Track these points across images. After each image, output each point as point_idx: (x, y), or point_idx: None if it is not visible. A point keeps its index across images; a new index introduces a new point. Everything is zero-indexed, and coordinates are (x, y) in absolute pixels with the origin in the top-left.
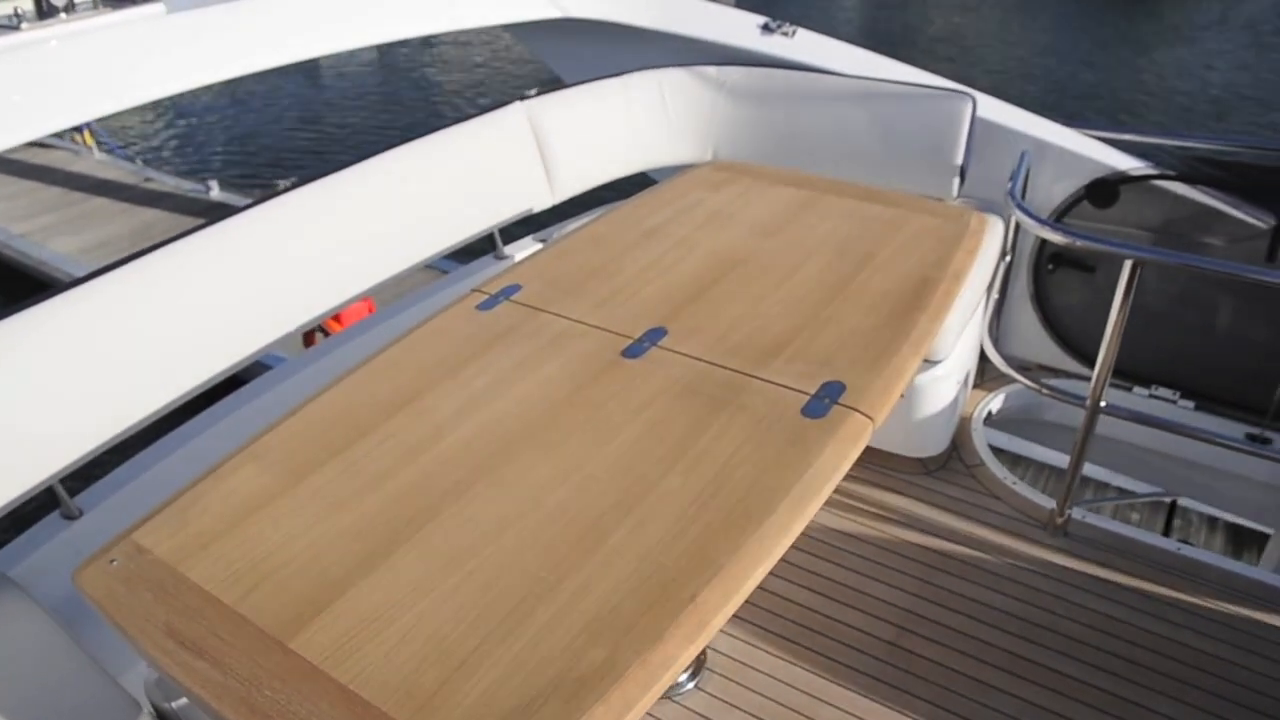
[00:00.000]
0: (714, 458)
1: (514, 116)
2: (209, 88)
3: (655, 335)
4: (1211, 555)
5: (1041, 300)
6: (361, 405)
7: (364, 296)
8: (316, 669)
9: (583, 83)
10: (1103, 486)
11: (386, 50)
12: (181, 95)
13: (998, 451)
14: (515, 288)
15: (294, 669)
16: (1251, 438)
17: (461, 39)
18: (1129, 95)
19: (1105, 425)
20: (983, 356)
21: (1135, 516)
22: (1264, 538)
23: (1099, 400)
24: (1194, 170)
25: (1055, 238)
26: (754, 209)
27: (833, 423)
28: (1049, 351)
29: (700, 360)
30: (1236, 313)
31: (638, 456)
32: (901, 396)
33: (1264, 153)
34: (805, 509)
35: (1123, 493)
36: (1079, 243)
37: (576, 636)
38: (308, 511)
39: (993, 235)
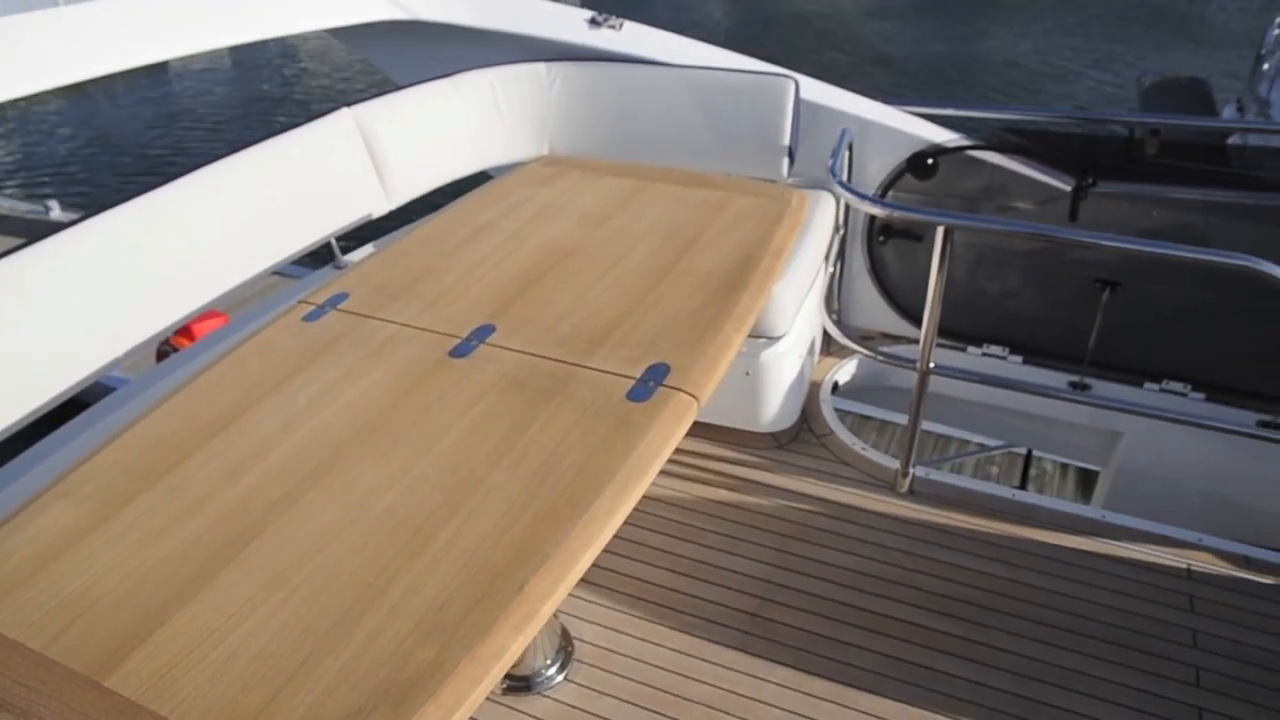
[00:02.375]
0: (541, 448)
1: (341, 123)
2: (41, 102)
3: (483, 333)
4: (1043, 498)
5: (878, 271)
6: (182, 428)
7: (206, 310)
8: (135, 704)
9: (411, 85)
10: (961, 444)
11: (240, 53)
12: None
13: (852, 418)
14: (342, 296)
15: (110, 707)
16: (1073, 385)
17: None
18: (971, 72)
19: (951, 386)
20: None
21: (994, 469)
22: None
23: (928, 362)
24: (1002, 140)
25: (873, 210)
26: (583, 201)
27: (658, 404)
28: (889, 320)
29: (528, 354)
30: (1050, 270)
31: (465, 454)
32: (747, 374)
33: (1063, 121)
34: (632, 490)
35: (982, 448)
36: (896, 213)
37: (406, 638)
38: (125, 542)
39: (826, 211)
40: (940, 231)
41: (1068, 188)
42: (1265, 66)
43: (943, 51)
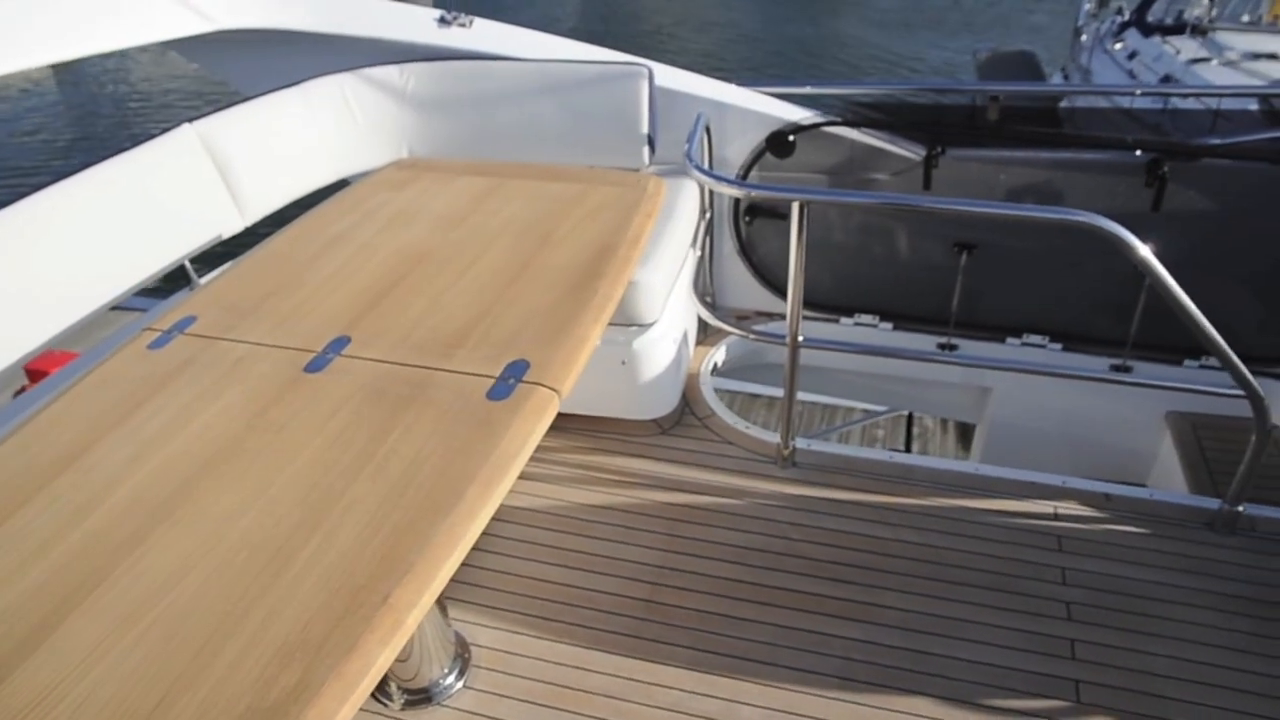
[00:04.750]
0: (401, 457)
1: (183, 139)
2: None
3: (339, 345)
4: (919, 458)
5: (747, 251)
6: (19, 473)
7: (47, 349)
8: None
9: (257, 96)
10: (847, 412)
11: (65, 71)
12: None
13: (742, 397)
14: (190, 320)
15: None
16: (941, 346)
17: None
18: (824, 52)
19: (832, 358)
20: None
21: (880, 433)
22: None
23: (797, 335)
24: (856, 114)
25: (729, 190)
26: (438, 204)
27: (518, 401)
28: (763, 298)
29: (385, 362)
30: (912, 238)
31: (324, 470)
32: (623, 363)
33: (913, 93)
34: (495, 489)
35: (867, 414)
36: (752, 192)
37: (268, 665)
38: None
39: (690, 197)
40: (795, 207)
41: (919, 157)
42: (1083, 39)
43: (796, 33)
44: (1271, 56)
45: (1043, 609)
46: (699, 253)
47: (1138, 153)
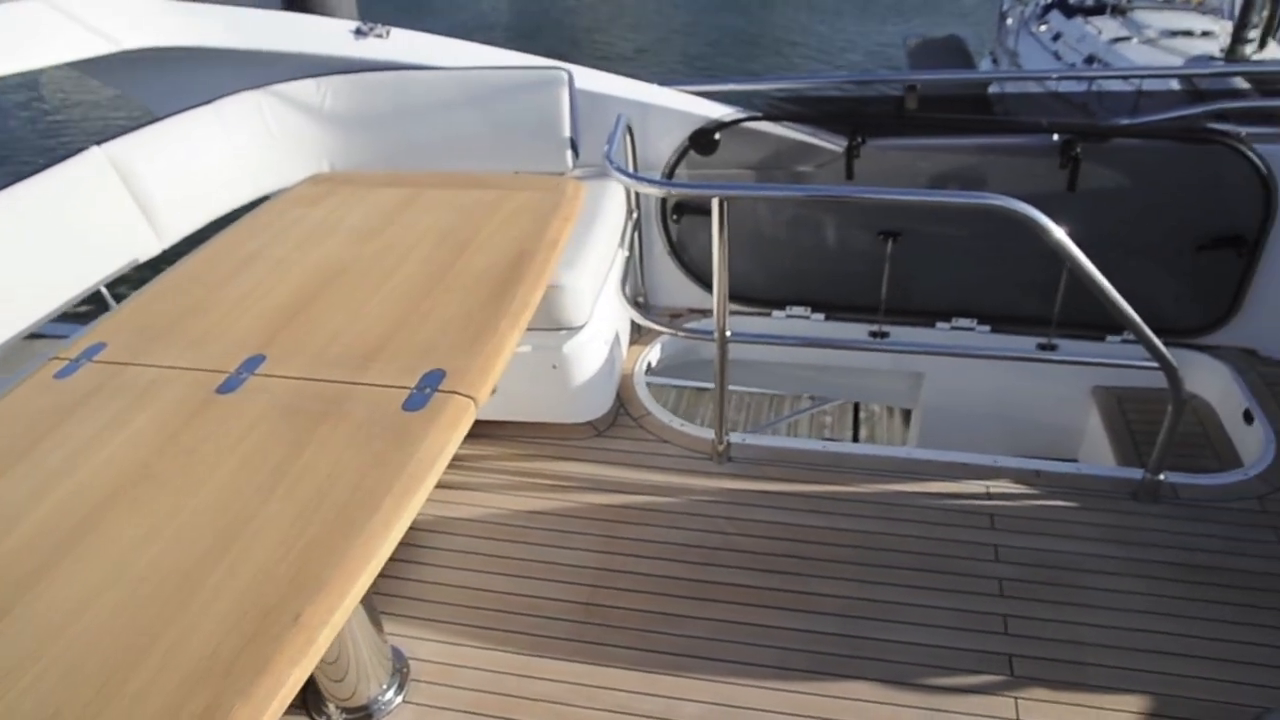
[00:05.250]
0: (315, 474)
1: (92, 162)
2: None
3: (253, 364)
4: (852, 445)
5: (678, 250)
6: None
7: None
8: None
9: (168, 116)
10: (794, 402)
11: None
12: None
13: (689, 393)
14: (99, 346)
15: None
16: (873, 334)
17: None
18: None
19: (770, 352)
20: (637, 310)
21: (829, 419)
22: None
23: (725, 331)
24: (778, 109)
25: (649, 190)
26: (354, 217)
27: (434, 411)
28: (696, 295)
29: (300, 379)
30: (839, 229)
31: (235, 492)
32: (554, 367)
33: (833, 86)
34: (411, 500)
35: (814, 400)
36: (672, 191)
37: (174, 693)
38: None
39: (616, 198)
40: (715, 203)
41: (841, 148)
42: (1008, 22)
43: (730, 27)
44: (1187, 33)
45: (976, 587)
46: (627, 253)
47: (1055, 136)
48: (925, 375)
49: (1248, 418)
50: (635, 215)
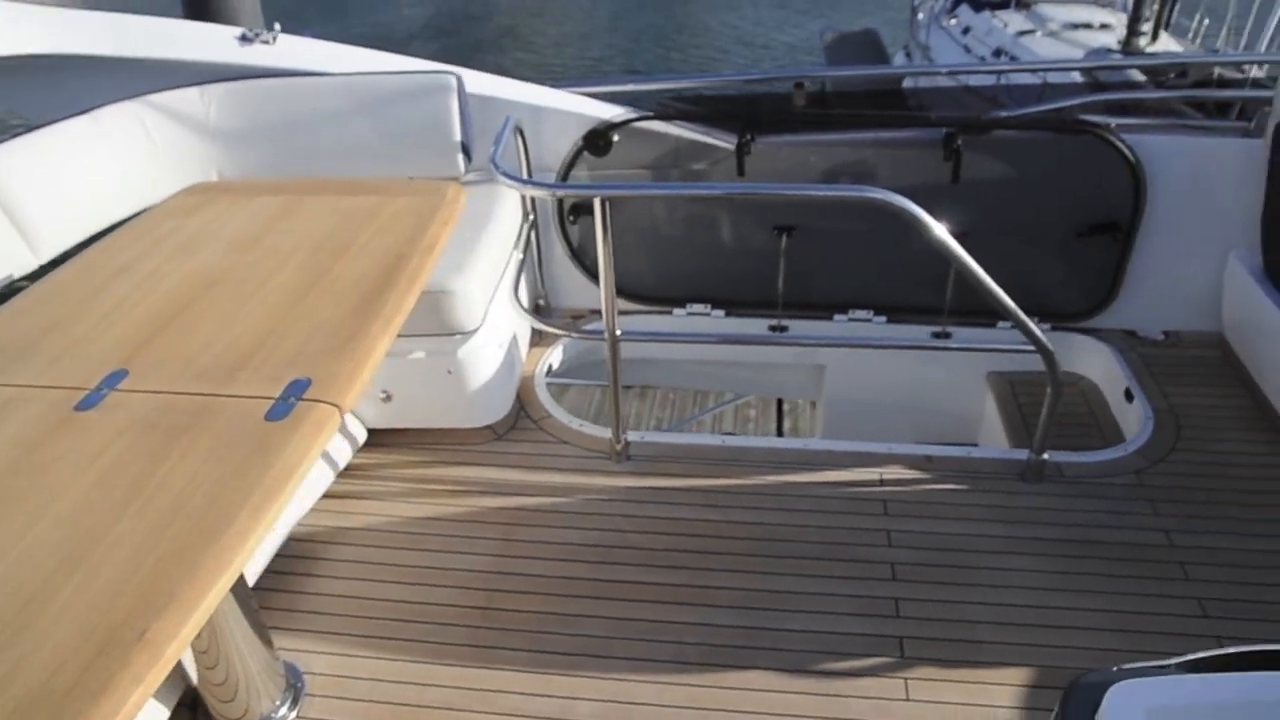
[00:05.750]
0: (171, 489)
1: None
2: None
3: (114, 379)
4: (751, 439)
5: (575, 251)
6: None
7: None
8: None
9: (42, 126)
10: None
11: None
12: None
13: (598, 391)
14: None
15: None
16: (773, 329)
17: None
18: (670, 43)
19: (678, 349)
20: (538, 312)
21: (752, 413)
22: None
23: (615, 331)
24: (671, 108)
25: (535, 192)
26: (231, 227)
27: (296, 420)
28: (596, 296)
29: (162, 393)
30: (735, 225)
31: (87, 509)
32: (449, 373)
33: (724, 84)
34: (269, 511)
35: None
36: (558, 192)
37: None
38: None
39: (511, 201)
40: (598, 203)
41: (732, 146)
42: (920, 17)
43: (649, 24)
44: (1087, 26)
45: (869, 572)
46: (521, 256)
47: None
48: (827, 367)
49: (1128, 396)
50: (532, 218)
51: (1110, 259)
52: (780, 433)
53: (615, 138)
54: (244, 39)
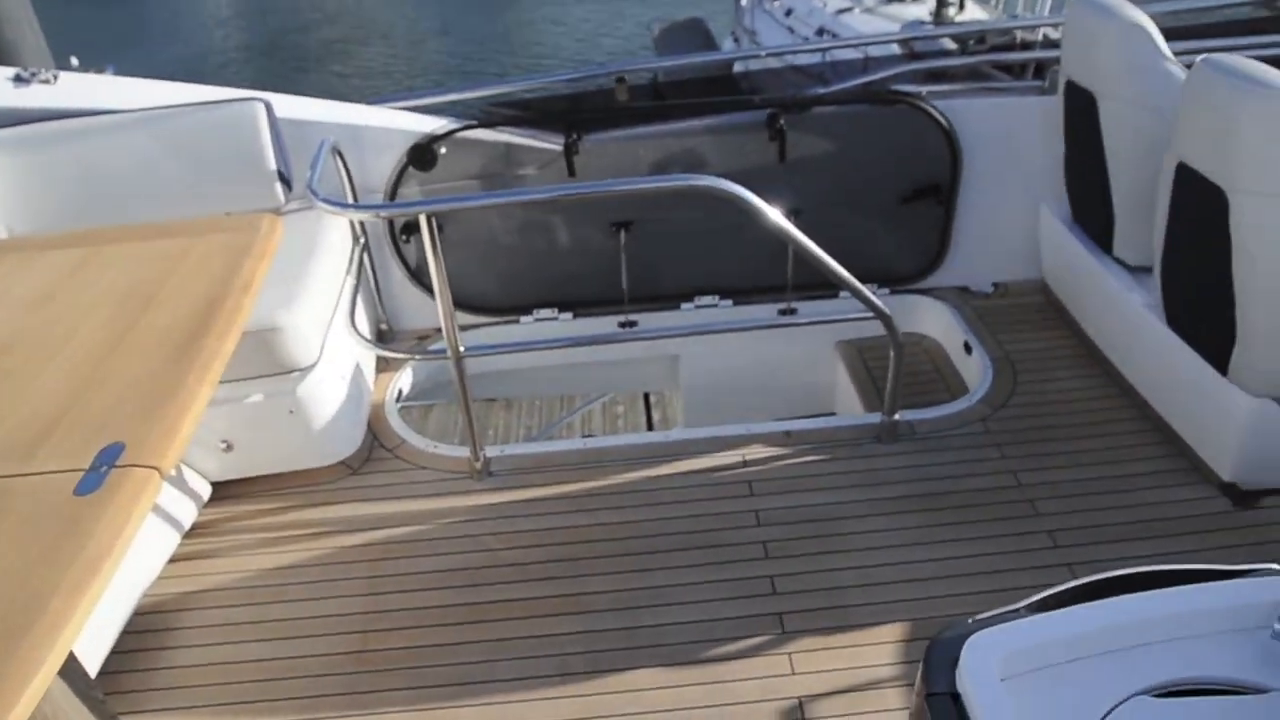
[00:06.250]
0: None
1: None
2: None
3: None
4: (611, 437)
5: (413, 271)
6: None
7: None
8: None
9: None
10: (586, 395)
11: None
12: None
13: (448, 413)
14: None
15: None
16: (622, 325)
17: None
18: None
19: (532, 357)
20: (381, 338)
21: (620, 409)
22: None
23: (458, 348)
24: (495, 115)
25: (355, 215)
26: (22, 286)
27: (111, 490)
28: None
29: None
30: (573, 227)
31: None
32: (291, 413)
33: (548, 85)
34: (85, 593)
35: (598, 397)
36: (383, 213)
37: None
38: None
39: (339, 227)
40: (424, 220)
41: (559, 147)
42: (744, 2)
43: (479, 29)
44: (901, 0)
45: (743, 554)
46: (356, 282)
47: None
48: (680, 357)
49: (967, 349)
50: (363, 241)
51: (936, 221)
52: (650, 425)
53: (442, 150)
54: (19, 80)
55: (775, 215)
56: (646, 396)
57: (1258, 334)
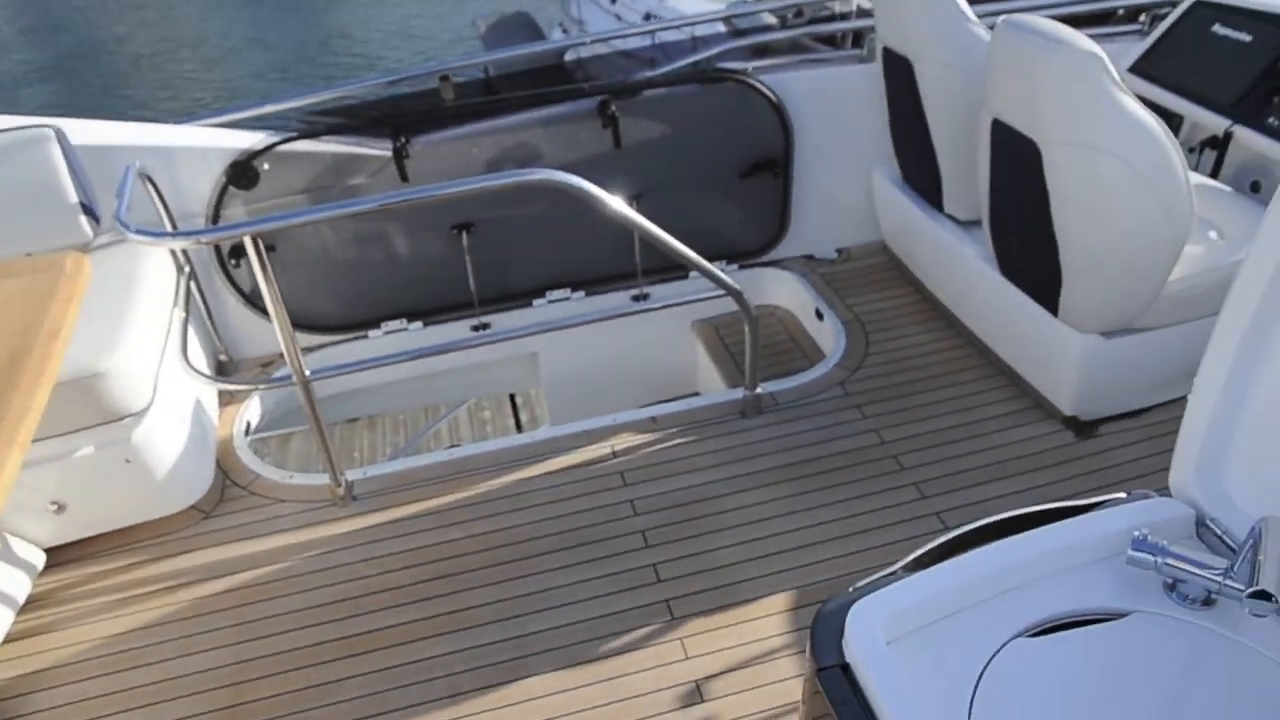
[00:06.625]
0: None
1: None
2: None
3: None
4: (476, 445)
5: (248, 296)
6: None
7: None
8: None
9: None
10: (431, 413)
11: None
12: None
13: (310, 439)
14: None
15: None
16: (475, 328)
17: None
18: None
19: (387, 372)
20: (221, 370)
21: (487, 414)
22: None
23: (302, 371)
24: (317, 124)
25: (176, 244)
26: None
27: None
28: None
29: None
30: (412, 234)
31: None
32: (128, 461)
33: (370, 88)
34: None
35: (466, 404)
36: (202, 239)
37: None
38: None
39: (161, 259)
40: (248, 242)
41: (388, 153)
42: None
43: (295, 36)
44: None
45: (623, 546)
46: (185, 314)
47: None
48: (539, 354)
49: (819, 315)
50: (188, 270)
51: (776, 193)
52: (519, 427)
53: (265, 166)
54: None
55: (616, 203)
56: (512, 398)
57: (1079, 275)
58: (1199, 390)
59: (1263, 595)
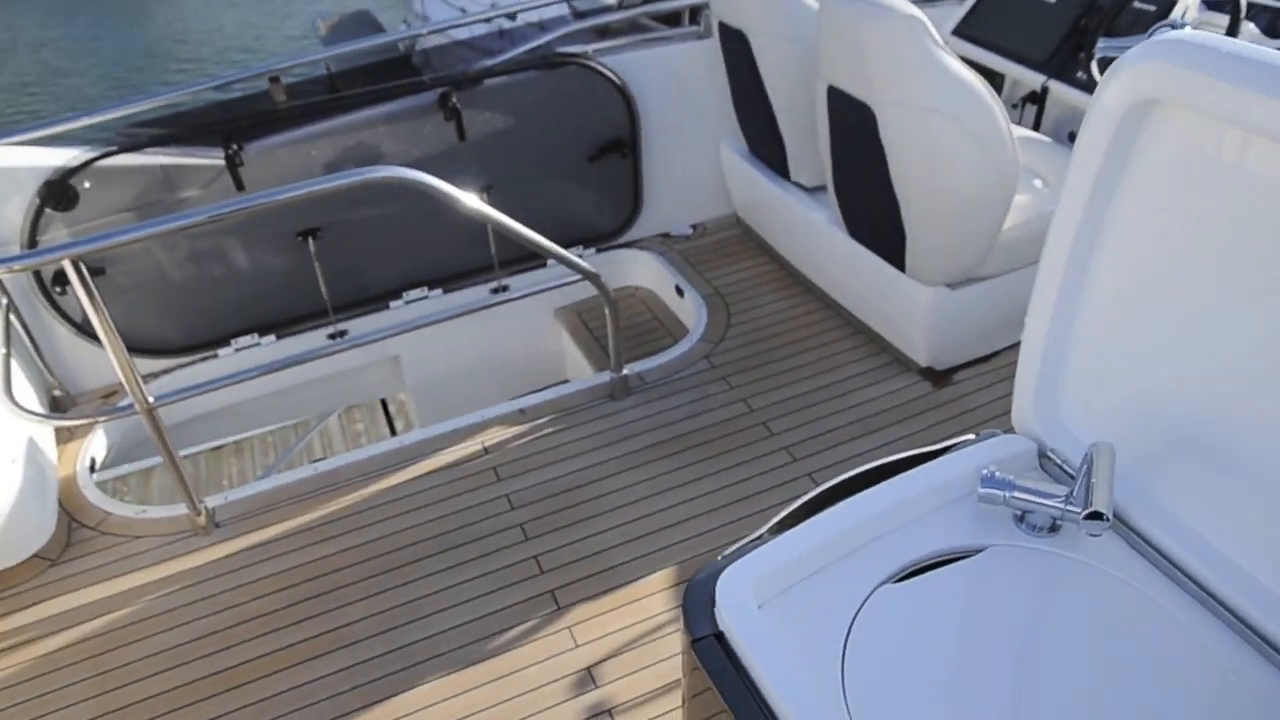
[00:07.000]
0: None
1: None
2: None
3: None
4: (342, 456)
5: (79, 324)
6: None
7: None
8: None
9: None
10: (298, 430)
11: None
12: None
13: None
14: None
15: None
16: (332, 336)
17: None
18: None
19: (240, 391)
20: (56, 406)
21: (360, 426)
22: None
23: (145, 399)
24: (137, 137)
25: None
26: None
27: None
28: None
29: None
30: (254, 245)
31: None
32: None
33: (196, 94)
34: None
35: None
36: (15, 266)
37: None
38: None
39: None
40: (69, 266)
41: (221, 162)
42: None
43: (116, 45)
44: None
45: (503, 542)
46: (6, 350)
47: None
48: (401, 356)
49: (680, 292)
50: (6, 301)
51: (627, 174)
52: (394, 431)
53: (85, 185)
54: None
55: (465, 197)
56: (384, 404)
57: (920, 231)
58: (1029, 330)
59: (1096, 516)
